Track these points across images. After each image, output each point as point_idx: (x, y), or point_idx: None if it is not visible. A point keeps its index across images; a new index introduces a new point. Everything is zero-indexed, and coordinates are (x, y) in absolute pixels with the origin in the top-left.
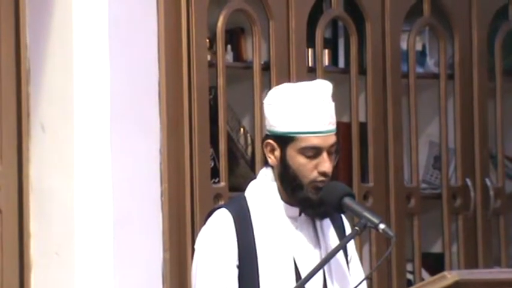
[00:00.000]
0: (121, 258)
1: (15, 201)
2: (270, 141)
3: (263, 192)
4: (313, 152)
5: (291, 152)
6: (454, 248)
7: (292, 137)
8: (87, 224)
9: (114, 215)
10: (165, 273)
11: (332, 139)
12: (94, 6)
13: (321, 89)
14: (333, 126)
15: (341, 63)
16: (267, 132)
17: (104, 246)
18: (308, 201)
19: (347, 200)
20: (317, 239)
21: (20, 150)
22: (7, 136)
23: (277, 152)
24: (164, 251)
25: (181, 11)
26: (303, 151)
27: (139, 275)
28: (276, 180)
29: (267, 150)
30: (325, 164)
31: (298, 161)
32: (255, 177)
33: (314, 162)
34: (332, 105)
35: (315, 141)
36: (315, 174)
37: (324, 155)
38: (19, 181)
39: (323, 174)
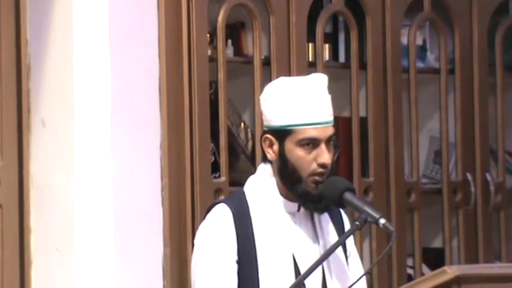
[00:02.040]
0: (121, 253)
1: (15, 197)
2: (268, 135)
3: (262, 187)
4: (312, 144)
5: (290, 145)
6: (455, 243)
7: (290, 130)
8: (87, 219)
9: (114, 210)
10: (165, 268)
11: (330, 130)
12: (94, 0)
13: (317, 81)
14: (331, 118)
15: (341, 58)
16: (265, 128)
17: (104, 242)
18: (307, 195)
19: (347, 195)
20: (315, 234)
21: (20, 145)
22: (7, 131)
23: (276, 147)
24: (165, 246)
25: (182, 5)
26: (301, 143)
27: (140, 270)
28: (274, 175)
29: (265, 145)
30: (324, 156)
31: (297, 154)
32: (255, 172)
33: (313, 154)
34: (328, 97)
35: (312, 132)
36: (314, 166)
37: (323, 146)
38: (19, 176)
39: (322, 165)
